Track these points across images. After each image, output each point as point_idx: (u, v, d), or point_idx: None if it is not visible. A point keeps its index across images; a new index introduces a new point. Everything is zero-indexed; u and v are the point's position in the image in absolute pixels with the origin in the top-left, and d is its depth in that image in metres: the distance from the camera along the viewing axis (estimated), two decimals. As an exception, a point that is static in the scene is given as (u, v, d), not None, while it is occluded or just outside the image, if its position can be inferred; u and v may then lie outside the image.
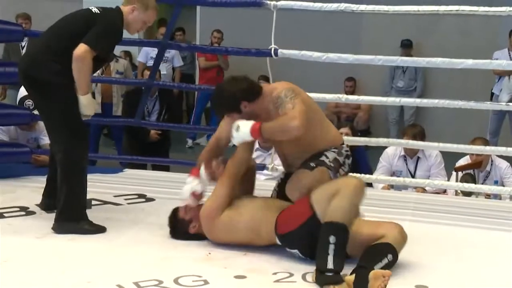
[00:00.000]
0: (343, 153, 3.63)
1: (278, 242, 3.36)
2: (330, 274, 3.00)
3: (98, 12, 3.72)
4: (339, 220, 3.08)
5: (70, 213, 3.68)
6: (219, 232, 3.46)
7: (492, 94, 8.38)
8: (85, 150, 3.74)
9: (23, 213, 4.11)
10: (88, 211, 3.79)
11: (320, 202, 3.19)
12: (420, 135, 5.45)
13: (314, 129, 3.50)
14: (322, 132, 3.59)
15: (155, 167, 6.23)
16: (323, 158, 3.54)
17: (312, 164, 3.49)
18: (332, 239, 3.04)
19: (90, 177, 3.84)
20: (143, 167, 6.17)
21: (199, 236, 3.54)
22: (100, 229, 3.70)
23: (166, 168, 6.17)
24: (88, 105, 3.65)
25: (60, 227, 3.68)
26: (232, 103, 3.43)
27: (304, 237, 3.24)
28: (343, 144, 3.68)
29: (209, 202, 3.51)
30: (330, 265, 3.01)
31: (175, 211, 3.65)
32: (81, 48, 3.55)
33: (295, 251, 3.32)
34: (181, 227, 3.59)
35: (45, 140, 5.41)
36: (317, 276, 3.05)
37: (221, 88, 3.56)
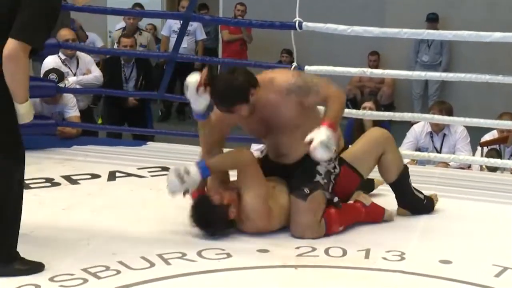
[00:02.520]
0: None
1: None
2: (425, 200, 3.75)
3: None
4: (397, 174, 3.67)
5: None
6: (273, 224, 3.39)
7: None
8: (19, 167, 2.81)
9: (48, 184, 4.16)
10: (111, 183, 3.64)
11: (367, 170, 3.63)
12: (447, 111, 5.40)
13: (313, 117, 3.40)
14: (317, 119, 3.37)
15: (136, 137, 6.20)
16: (317, 177, 3.38)
17: (306, 191, 3.34)
18: (409, 182, 3.74)
19: (114, 149, 3.82)
20: (119, 136, 6.41)
21: (234, 223, 3.36)
22: (36, 267, 2.86)
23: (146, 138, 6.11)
24: (26, 113, 2.79)
25: None
26: (244, 92, 3.25)
27: None
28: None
29: (257, 204, 3.30)
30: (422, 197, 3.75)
31: (206, 201, 3.32)
32: (12, 46, 2.65)
33: None
34: (220, 214, 3.28)
35: (70, 113, 5.44)
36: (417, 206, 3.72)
37: (228, 79, 3.28)
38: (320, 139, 3.16)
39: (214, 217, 3.27)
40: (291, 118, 3.35)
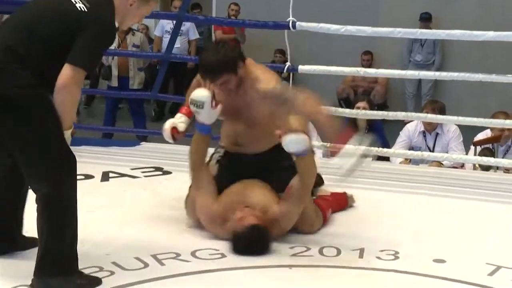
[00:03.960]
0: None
1: None
2: None
3: (85, 10, 2.62)
4: None
5: (57, 265, 2.70)
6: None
7: None
8: (75, 185, 2.79)
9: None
10: (105, 184, 3.66)
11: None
12: (440, 110, 5.41)
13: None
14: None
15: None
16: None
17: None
18: None
19: (107, 150, 3.82)
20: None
21: None
22: (94, 282, 2.81)
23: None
24: (68, 139, 2.73)
25: (43, 285, 2.70)
26: (233, 62, 3.21)
27: None
28: None
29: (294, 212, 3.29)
30: None
31: (258, 229, 3.13)
32: (68, 74, 2.55)
33: None
34: (267, 235, 3.19)
35: None
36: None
37: (217, 49, 3.23)
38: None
39: (266, 240, 3.17)
40: (263, 115, 3.31)
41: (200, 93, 3.28)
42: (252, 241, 3.09)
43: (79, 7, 2.62)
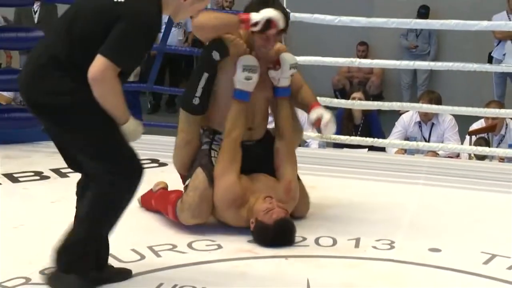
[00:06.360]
0: None
1: None
2: None
3: (122, 1, 2.46)
4: None
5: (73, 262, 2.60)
6: None
7: (491, 58, 8.30)
8: (135, 186, 2.59)
9: (37, 177, 4.15)
10: None
11: None
12: (436, 101, 5.42)
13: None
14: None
15: None
16: None
17: None
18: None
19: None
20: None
21: None
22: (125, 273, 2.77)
23: None
24: (133, 132, 2.55)
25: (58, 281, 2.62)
26: (288, 18, 3.28)
27: None
28: None
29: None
30: None
31: (288, 221, 3.16)
32: (98, 65, 2.40)
33: None
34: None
35: None
36: None
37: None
38: (329, 115, 3.28)
39: (293, 233, 3.18)
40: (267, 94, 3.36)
41: (252, 58, 3.23)
42: (282, 235, 3.10)
43: None
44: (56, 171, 4.25)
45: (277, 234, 3.09)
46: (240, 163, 3.26)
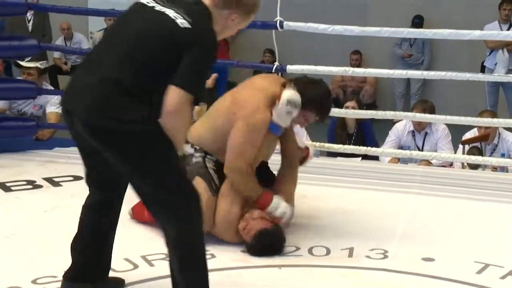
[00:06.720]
0: None
1: None
2: None
3: (188, 26, 2.35)
4: None
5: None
6: None
7: (484, 67, 8.34)
8: (201, 220, 2.48)
9: (30, 186, 4.13)
10: (80, 183, 3.60)
11: None
12: (430, 110, 5.43)
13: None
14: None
15: None
16: None
17: None
18: None
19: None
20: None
21: None
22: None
23: None
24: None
25: None
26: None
27: None
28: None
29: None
30: None
31: (275, 231, 3.20)
32: (176, 97, 2.31)
33: None
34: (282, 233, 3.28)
35: (52, 109, 5.50)
36: None
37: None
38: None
39: (281, 241, 3.21)
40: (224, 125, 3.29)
41: (296, 95, 3.26)
42: (264, 250, 3.12)
43: (181, 23, 2.35)
44: (49, 180, 4.24)
45: (259, 250, 3.12)
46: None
